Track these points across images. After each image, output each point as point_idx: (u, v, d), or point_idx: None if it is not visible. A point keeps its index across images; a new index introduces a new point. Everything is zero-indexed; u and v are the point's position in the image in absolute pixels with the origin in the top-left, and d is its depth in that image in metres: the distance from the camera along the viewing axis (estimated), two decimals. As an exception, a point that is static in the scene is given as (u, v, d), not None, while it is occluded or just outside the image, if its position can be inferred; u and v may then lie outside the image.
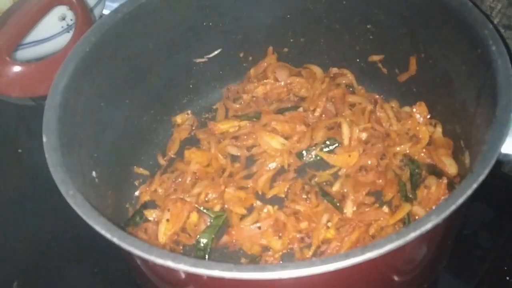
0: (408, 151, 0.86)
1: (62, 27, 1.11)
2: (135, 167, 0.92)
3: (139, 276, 0.72)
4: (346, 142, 0.87)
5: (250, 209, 0.84)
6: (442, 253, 0.73)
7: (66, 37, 1.11)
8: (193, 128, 0.99)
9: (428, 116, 0.87)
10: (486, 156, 0.57)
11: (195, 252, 0.79)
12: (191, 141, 0.96)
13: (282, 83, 0.99)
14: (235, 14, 0.94)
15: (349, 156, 0.86)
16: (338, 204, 0.80)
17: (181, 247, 0.82)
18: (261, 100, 0.99)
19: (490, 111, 0.62)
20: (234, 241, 0.80)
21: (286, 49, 1.01)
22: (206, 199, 0.85)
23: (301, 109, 0.94)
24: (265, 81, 1.00)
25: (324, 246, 0.77)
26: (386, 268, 0.62)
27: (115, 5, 0.82)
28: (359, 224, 0.77)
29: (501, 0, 0.86)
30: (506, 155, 0.61)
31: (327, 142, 0.88)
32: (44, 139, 0.65)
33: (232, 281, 0.52)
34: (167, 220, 0.81)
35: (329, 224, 0.78)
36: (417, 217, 0.77)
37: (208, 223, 0.82)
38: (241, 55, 1.01)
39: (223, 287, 0.57)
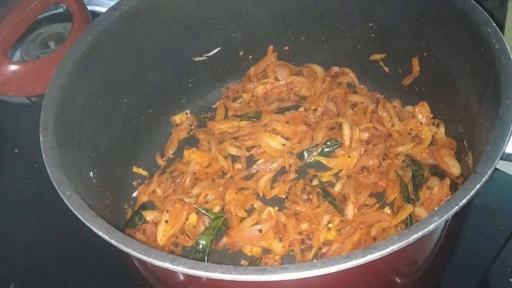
0: (410, 152, 0.85)
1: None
2: (133, 167, 0.91)
3: (138, 278, 0.71)
4: (347, 142, 0.86)
5: (250, 210, 0.83)
6: (444, 254, 0.72)
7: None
8: (192, 127, 0.98)
9: (431, 116, 0.87)
10: (489, 156, 0.56)
11: (194, 254, 0.79)
12: (190, 141, 0.95)
13: (283, 82, 0.99)
14: (235, 12, 0.93)
15: (349, 156, 0.85)
16: (339, 206, 0.79)
17: (180, 249, 0.81)
18: (261, 100, 0.98)
19: (494, 110, 0.62)
20: (234, 243, 0.79)
21: (286, 48, 1.00)
22: (205, 200, 0.84)
23: (302, 108, 0.93)
24: (265, 80, 0.99)
25: (325, 248, 0.76)
26: (388, 270, 0.61)
27: (112, 2, 0.81)
28: (361, 225, 0.76)
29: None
30: (510, 154, 0.60)
31: (328, 143, 0.88)
32: (41, 139, 0.65)
33: (232, 283, 0.51)
34: (166, 221, 0.81)
35: (330, 225, 0.77)
36: (419, 219, 0.76)
37: (207, 225, 0.81)
38: (241, 53, 1.00)
39: (223, 289, 0.56)
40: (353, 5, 0.89)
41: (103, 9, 1.23)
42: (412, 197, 0.80)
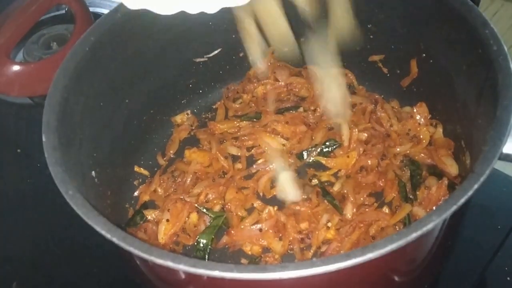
0: (408, 152, 0.86)
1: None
2: (135, 167, 0.92)
3: (139, 276, 0.72)
4: (346, 143, 0.87)
5: (250, 209, 0.84)
6: (442, 253, 0.73)
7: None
8: (193, 128, 0.99)
9: (429, 117, 0.87)
10: (487, 157, 0.57)
11: (194, 253, 0.79)
12: (191, 141, 0.96)
13: (282, 83, 0.99)
14: (235, 14, 0.94)
15: (348, 156, 0.85)
16: (338, 205, 0.80)
17: (181, 248, 0.82)
18: (261, 100, 0.99)
19: (491, 111, 0.62)
20: (234, 241, 0.80)
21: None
22: (206, 199, 0.85)
23: (301, 109, 0.94)
24: (265, 81, 1.00)
25: (324, 246, 0.77)
26: (387, 269, 0.62)
27: (114, 4, 0.82)
28: (359, 224, 0.77)
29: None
30: (507, 155, 0.61)
31: (327, 143, 0.88)
32: (44, 139, 0.65)
33: (233, 281, 0.51)
34: (167, 220, 0.81)
35: (329, 224, 0.78)
36: (417, 218, 0.76)
37: (208, 224, 0.82)
38: (241, 54, 1.01)
39: (223, 287, 0.56)
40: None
41: (105, 11, 1.24)
42: (410, 196, 0.80)
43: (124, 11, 0.81)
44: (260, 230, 0.78)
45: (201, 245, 0.79)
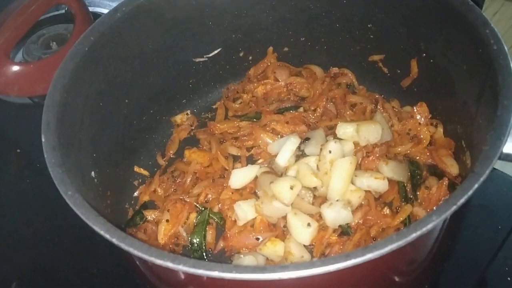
0: (409, 152, 0.85)
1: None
2: (134, 167, 0.92)
3: (139, 276, 0.72)
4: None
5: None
6: (443, 253, 0.73)
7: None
8: (193, 128, 0.99)
9: (429, 116, 0.87)
10: (487, 156, 0.57)
11: (191, 254, 0.79)
12: (191, 141, 0.96)
13: (282, 83, 0.99)
14: (235, 13, 0.94)
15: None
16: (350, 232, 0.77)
17: (181, 248, 0.82)
18: (261, 100, 0.98)
19: (491, 110, 0.62)
20: (230, 247, 0.79)
21: (286, 49, 1.01)
22: (206, 199, 0.84)
23: (301, 109, 0.94)
24: (265, 81, 0.99)
25: (326, 250, 0.76)
26: (387, 269, 0.62)
27: (114, 4, 0.81)
28: (361, 226, 0.77)
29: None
30: (508, 154, 0.61)
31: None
32: (43, 139, 0.65)
33: (232, 282, 0.51)
34: (167, 220, 0.81)
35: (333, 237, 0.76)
36: (417, 218, 0.76)
37: (195, 222, 0.81)
38: (241, 54, 1.01)
39: (223, 287, 0.56)
40: (352, 7, 0.89)
41: (104, 11, 1.24)
42: (411, 196, 0.80)
43: (124, 11, 0.81)
44: (258, 239, 0.77)
45: (196, 245, 0.79)
